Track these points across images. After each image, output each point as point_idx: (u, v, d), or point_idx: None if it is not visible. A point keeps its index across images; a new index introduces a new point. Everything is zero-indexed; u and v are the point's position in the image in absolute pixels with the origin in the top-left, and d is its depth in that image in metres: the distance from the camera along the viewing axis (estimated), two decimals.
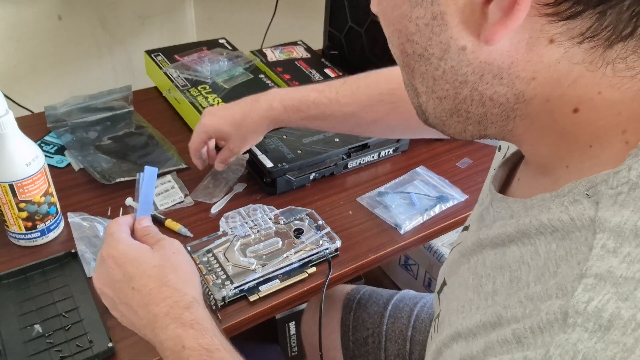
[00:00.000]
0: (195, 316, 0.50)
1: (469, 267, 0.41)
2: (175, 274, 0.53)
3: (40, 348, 0.60)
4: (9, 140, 0.65)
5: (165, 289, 0.51)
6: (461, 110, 0.37)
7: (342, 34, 1.16)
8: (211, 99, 0.95)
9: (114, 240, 0.55)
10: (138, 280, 0.52)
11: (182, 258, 0.55)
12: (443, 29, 0.34)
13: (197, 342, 0.49)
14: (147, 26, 1.51)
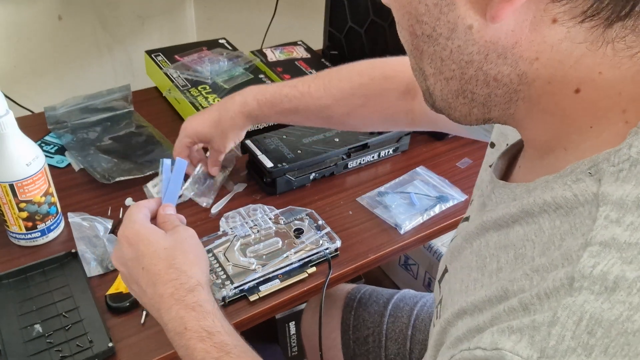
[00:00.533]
0: (198, 299, 0.51)
1: (471, 251, 0.42)
2: (184, 257, 0.53)
3: (41, 348, 0.60)
4: (9, 140, 0.65)
5: (172, 271, 0.52)
6: (467, 91, 0.38)
7: (342, 34, 1.16)
8: (211, 99, 0.95)
9: (131, 221, 0.56)
10: (148, 260, 0.53)
11: (194, 243, 0.56)
12: (451, 8, 0.34)
13: (199, 324, 0.49)
14: (147, 26, 1.51)
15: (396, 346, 0.81)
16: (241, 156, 0.88)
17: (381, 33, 1.05)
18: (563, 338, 0.29)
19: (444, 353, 0.37)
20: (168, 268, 0.52)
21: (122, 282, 0.68)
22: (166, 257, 0.53)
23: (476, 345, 0.33)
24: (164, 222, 0.58)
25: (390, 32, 1.03)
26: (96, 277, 0.69)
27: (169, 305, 0.51)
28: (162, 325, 0.52)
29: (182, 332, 0.50)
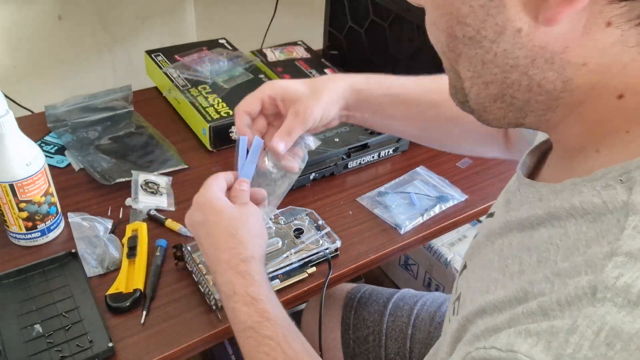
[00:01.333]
0: (249, 268, 0.55)
1: (493, 249, 0.41)
2: (245, 231, 0.57)
3: (41, 348, 0.60)
4: (9, 141, 0.65)
5: (231, 240, 0.56)
6: (506, 96, 0.37)
7: (342, 34, 1.16)
8: (211, 99, 0.95)
9: (206, 189, 0.60)
10: (213, 227, 0.57)
11: (257, 221, 0.59)
12: (500, 10, 0.33)
13: (245, 290, 0.54)
14: (147, 26, 1.51)
15: (396, 345, 0.81)
16: (314, 148, 0.68)
17: (381, 33, 1.05)
18: (580, 347, 0.28)
19: (460, 349, 0.37)
20: (228, 237, 0.56)
21: (120, 282, 0.68)
22: (229, 227, 0.57)
23: (492, 344, 0.33)
24: (235, 195, 0.60)
25: (390, 32, 1.03)
26: (96, 277, 0.69)
27: (224, 270, 0.55)
28: (217, 286, 0.57)
29: (231, 295, 0.54)
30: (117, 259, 0.71)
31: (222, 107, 0.94)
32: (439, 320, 0.81)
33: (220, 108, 0.93)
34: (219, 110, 0.93)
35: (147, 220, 0.78)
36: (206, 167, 0.90)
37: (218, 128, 0.91)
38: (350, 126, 0.92)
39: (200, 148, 0.94)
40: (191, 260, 0.69)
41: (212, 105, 0.94)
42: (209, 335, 0.64)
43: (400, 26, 1.00)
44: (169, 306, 0.66)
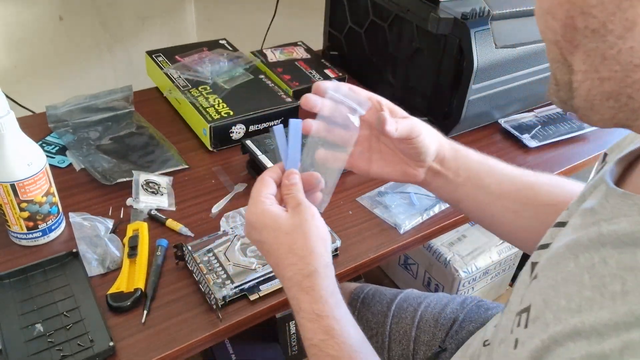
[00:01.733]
0: (313, 284, 0.53)
1: (578, 264, 0.38)
2: (304, 242, 0.54)
3: (42, 347, 0.60)
4: (10, 141, 0.66)
5: (291, 256, 0.54)
6: (622, 95, 0.35)
7: (342, 34, 1.17)
8: (212, 100, 0.96)
9: (254, 203, 0.57)
10: (271, 245, 0.55)
11: (314, 224, 0.55)
12: (633, 4, 0.31)
13: (311, 307, 0.53)
14: (148, 27, 1.52)
15: (400, 347, 0.80)
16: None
17: (381, 33, 1.05)
18: None
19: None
20: (288, 253, 0.54)
21: (121, 281, 0.68)
22: (287, 243, 0.54)
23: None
24: (288, 194, 0.57)
25: (390, 32, 1.03)
26: (97, 276, 0.70)
27: (289, 286, 0.54)
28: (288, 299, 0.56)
29: (298, 312, 0.54)
30: (118, 258, 0.71)
31: (222, 107, 0.94)
32: (442, 322, 0.81)
33: (220, 108, 0.94)
34: (220, 110, 0.93)
35: (148, 220, 0.78)
36: (206, 167, 0.90)
37: (218, 128, 0.91)
38: None
39: (200, 148, 0.94)
40: (191, 259, 0.69)
41: (212, 106, 0.94)
42: (209, 334, 0.64)
43: (400, 26, 1.00)
44: (170, 306, 0.67)
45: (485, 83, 0.93)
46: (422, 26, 0.93)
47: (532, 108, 1.09)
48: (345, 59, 1.18)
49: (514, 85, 0.99)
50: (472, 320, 0.80)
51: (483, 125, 1.05)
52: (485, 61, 0.90)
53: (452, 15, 0.88)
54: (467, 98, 0.93)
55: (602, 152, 0.52)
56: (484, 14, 0.89)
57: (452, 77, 0.92)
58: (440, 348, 0.78)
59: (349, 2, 1.11)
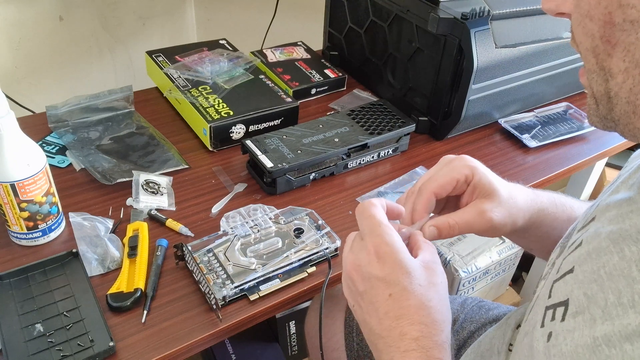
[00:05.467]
0: (442, 357, 0.46)
1: (622, 257, 0.37)
2: (440, 304, 0.48)
3: (42, 347, 0.60)
4: (10, 141, 0.66)
5: (424, 314, 0.47)
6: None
7: (342, 34, 1.17)
8: (212, 100, 0.96)
9: (385, 235, 0.49)
10: (400, 290, 0.47)
11: (446, 291, 0.50)
12: None
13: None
14: (148, 27, 1.52)
15: None
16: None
17: (381, 33, 1.05)
18: None
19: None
20: (420, 309, 0.47)
21: (121, 281, 0.68)
22: (420, 295, 0.47)
23: None
24: (416, 242, 0.52)
25: (390, 32, 1.03)
26: (97, 276, 0.70)
27: (409, 348, 0.46)
28: (380, 358, 0.48)
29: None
30: (118, 258, 0.71)
31: (222, 107, 0.94)
32: None
33: (220, 108, 0.94)
34: (220, 110, 0.93)
35: (148, 220, 0.78)
36: (207, 167, 0.90)
37: (218, 128, 0.91)
38: (350, 126, 0.92)
39: (200, 148, 0.94)
40: (191, 259, 0.69)
41: (212, 106, 0.94)
42: (209, 334, 0.64)
43: (400, 26, 1.00)
44: (170, 305, 0.67)
45: (485, 83, 0.93)
46: (422, 26, 0.93)
47: (532, 108, 1.09)
48: (345, 59, 1.18)
49: (514, 85, 0.99)
50: (473, 321, 0.80)
51: (483, 125, 1.05)
52: (485, 61, 0.90)
53: (452, 15, 0.88)
54: (467, 98, 0.93)
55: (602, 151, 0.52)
56: (484, 14, 0.89)
57: (452, 77, 0.92)
58: None
59: (349, 2, 1.11)
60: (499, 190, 0.56)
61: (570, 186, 1.33)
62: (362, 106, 0.98)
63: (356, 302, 0.52)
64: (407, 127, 0.94)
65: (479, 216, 0.55)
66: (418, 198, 0.57)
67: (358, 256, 0.51)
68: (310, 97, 1.10)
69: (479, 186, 0.56)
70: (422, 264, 0.49)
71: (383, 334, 0.48)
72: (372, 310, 0.49)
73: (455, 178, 0.56)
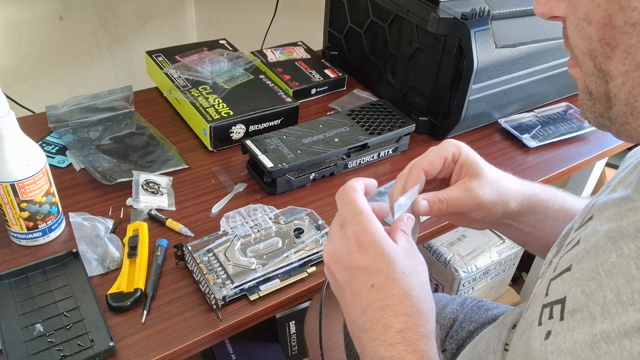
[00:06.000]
0: (429, 349, 0.45)
1: (621, 255, 0.37)
2: (423, 293, 0.47)
3: (42, 347, 0.60)
4: (10, 141, 0.66)
5: (408, 304, 0.46)
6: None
7: (342, 34, 1.17)
8: (212, 100, 0.96)
9: (367, 223, 0.48)
10: (383, 279, 0.46)
11: (425, 274, 0.49)
12: None
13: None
14: (148, 27, 1.52)
15: None
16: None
17: (381, 34, 1.05)
18: None
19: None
20: (404, 299, 0.45)
21: (121, 281, 0.68)
22: (404, 284, 0.46)
23: None
24: (392, 230, 0.50)
25: (390, 32, 1.03)
26: (97, 276, 0.70)
27: (394, 341, 0.45)
28: (367, 352, 0.47)
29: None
30: (118, 258, 0.72)
31: (222, 107, 0.94)
32: (442, 322, 0.81)
33: (220, 108, 0.94)
34: (220, 110, 0.93)
35: (148, 220, 0.78)
36: (207, 167, 0.90)
37: (218, 128, 0.91)
38: (350, 126, 0.92)
39: (200, 148, 0.94)
40: (191, 259, 0.69)
41: (212, 106, 0.94)
42: (209, 334, 0.64)
43: (400, 26, 1.00)
44: (170, 305, 0.67)
45: (485, 83, 0.93)
46: (422, 26, 0.94)
47: (532, 108, 1.09)
48: (345, 59, 1.18)
49: (514, 85, 0.99)
50: (472, 321, 0.80)
51: (483, 125, 1.05)
52: (485, 61, 0.90)
53: (452, 15, 0.88)
54: (467, 98, 0.93)
55: (602, 151, 0.52)
56: (484, 14, 0.89)
57: (452, 77, 0.92)
58: (439, 349, 0.78)
59: (349, 2, 1.11)
60: (485, 170, 0.57)
61: (570, 186, 1.33)
62: (362, 106, 0.98)
63: (338, 294, 0.50)
64: (407, 127, 0.94)
65: (466, 192, 0.56)
66: (408, 176, 0.57)
67: (337, 246, 0.49)
68: (310, 97, 1.10)
69: (465, 164, 0.57)
70: (404, 250, 0.48)
71: (366, 326, 0.47)
72: (355, 301, 0.47)
73: (443, 155, 0.57)
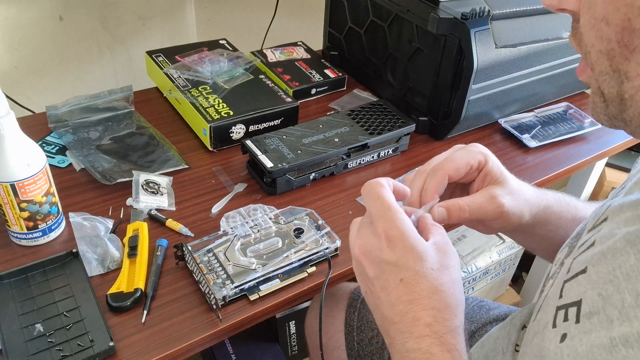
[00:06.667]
0: (457, 343, 0.45)
1: (639, 258, 0.37)
2: (453, 288, 0.47)
3: (42, 347, 0.60)
4: (10, 141, 0.66)
5: (437, 298, 0.46)
6: None
7: (342, 34, 1.17)
8: (212, 100, 0.96)
9: (396, 219, 0.48)
10: (412, 274, 0.46)
11: (460, 276, 0.49)
12: None
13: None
14: (148, 27, 1.52)
15: None
16: None
17: (381, 33, 1.05)
18: None
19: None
20: (433, 293, 0.46)
21: (121, 281, 0.68)
22: (433, 279, 0.46)
23: None
24: (433, 224, 0.51)
25: (390, 32, 1.03)
26: (97, 276, 0.70)
27: (422, 334, 0.45)
28: (395, 345, 0.47)
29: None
30: (118, 258, 0.71)
31: (222, 107, 0.94)
32: None
33: (220, 108, 0.94)
34: (220, 110, 0.93)
35: (148, 220, 0.78)
36: (207, 167, 0.90)
37: (218, 128, 0.91)
38: (350, 126, 0.92)
39: (200, 148, 0.94)
40: (191, 259, 0.69)
41: (212, 106, 0.94)
42: (209, 334, 0.64)
43: (400, 26, 1.00)
44: (170, 305, 0.67)
45: (485, 83, 0.93)
46: (422, 26, 0.93)
47: (532, 108, 1.09)
48: (345, 59, 1.18)
49: (514, 85, 0.99)
50: (474, 321, 0.80)
51: (483, 125, 1.05)
52: (485, 61, 0.90)
53: (452, 15, 0.88)
54: (467, 98, 0.93)
55: (602, 151, 0.52)
56: (484, 14, 0.89)
57: (452, 77, 0.92)
58: None
59: (349, 2, 1.11)
60: (510, 180, 0.57)
61: (570, 186, 1.33)
62: (362, 106, 0.98)
63: (367, 288, 0.51)
64: (407, 127, 0.94)
65: (490, 200, 0.55)
66: (431, 177, 0.56)
67: (367, 241, 0.50)
68: (310, 97, 1.10)
69: (490, 174, 0.57)
70: (435, 246, 0.48)
71: (395, 319, 0.47)
72: (384, 295, 0.48)
73: (470, 162, 0.56)
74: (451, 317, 0.45)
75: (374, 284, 0.49)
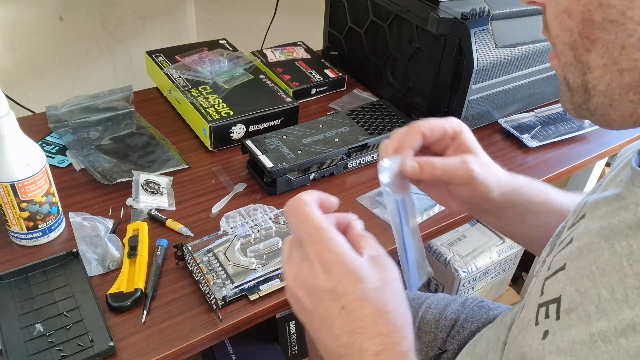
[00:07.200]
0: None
1: (613, 252, 0.36)
2: (397, 306, 0.44)
3: (42, 347, 0.60)
4: (10, 141, 0.66)
5: (382, 322, 0.42)
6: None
7: (342, 34, 1.17)
8: (212, 100, 0.96)
9: (327, 240, 0.44)
10: (353, 300, 0.42)
11: (400, 286, 0.45)
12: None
13: None
14: (148, 27, 1.52)
15: None
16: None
17: (381, 33, 1.05)
18: None
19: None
20: (378, 316, 0.42)
21: (121, 281, 0.68)
22: (376, 301, 0.42)
23: None
24: (364, 236, 0.47)
25: (390, 32, 1.03)
26: (97, 276, 0.70)
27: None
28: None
29: None
30: (118, 258, 0.72)
31: (222, 107, 0.94)
32: (444, 322, 0.81)
33: (220, 108, 0.94)
34: (220, 110, 0.93)
35: (148, 220, 0.78)
36: (207, 167, 0.90)
37: (218, 128, 0.91)
38: (350, 126, 0.92)
39: (200, 148, 0.94)
40: (192, 259, 0.69)
41: (212, 106, 0.94)
42: (209, 334, 0.64)
43: (400, 26, 1.00)
44: (170, 305, 0.67)
45: (485, 83, 0.93)
46: (422, 26, 0.93)
47: (532, 108, 1.09)
48: (345, 59, 1.18)
49: (514, 85, 0.99)
50: (474, 321, 0.80)
51: (483, 125, 1.05)
52: (485, 61, 0.90)
53: (452, 15, 0.88)
54: (467, 98, 0.93)
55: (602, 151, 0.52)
56: (484, 14, 0.89)
57: (452, 77, 0.92)
58: (440, 350, 0.78)
59: (349, 2, 1.11)
60: (482, 153, 0.59)
61: (570, 186, 1.33)
62: (362, 106, 0.98)
63: (307, 320, 0.46)
64: None
65: (462, 164, 0.56)
66: (407, 134, 0.56)
67: (300, 269, 0.45)
68: (310, 97, 1.10)
69: (464, 144, 0.58)
70: (371, 261, 0.45)
71: (340, 351, 0.43)
72: (325, 327, 0.44)
73: (445, 127, 0.57)
74: (400, 340, 0.43)
75: (312, 315, 0.45)
